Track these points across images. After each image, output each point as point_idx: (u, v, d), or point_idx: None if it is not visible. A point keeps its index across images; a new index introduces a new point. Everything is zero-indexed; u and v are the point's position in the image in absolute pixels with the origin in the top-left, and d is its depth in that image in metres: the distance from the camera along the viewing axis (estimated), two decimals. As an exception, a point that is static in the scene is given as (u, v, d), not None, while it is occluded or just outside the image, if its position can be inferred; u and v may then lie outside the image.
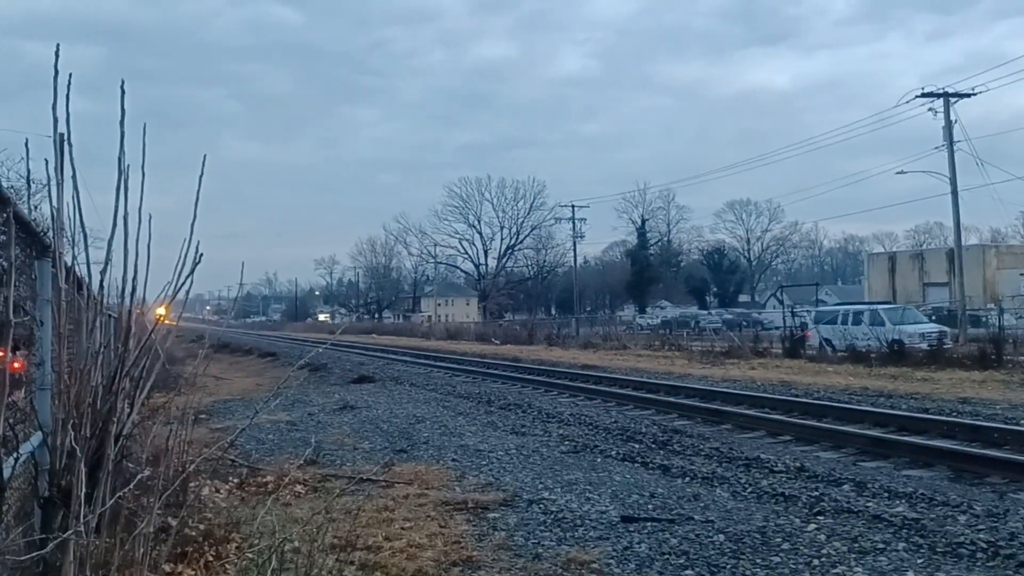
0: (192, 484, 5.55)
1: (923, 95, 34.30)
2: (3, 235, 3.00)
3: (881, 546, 5.55)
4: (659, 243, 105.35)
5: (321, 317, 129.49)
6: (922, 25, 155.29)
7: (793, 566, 5.21)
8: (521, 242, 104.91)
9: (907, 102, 35.17)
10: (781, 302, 47.78)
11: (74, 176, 3.37)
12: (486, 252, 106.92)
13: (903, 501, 6.85)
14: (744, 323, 51.45)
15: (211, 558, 4.94)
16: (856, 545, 5.59)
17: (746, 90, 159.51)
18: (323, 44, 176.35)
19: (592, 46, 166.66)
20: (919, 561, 5.24)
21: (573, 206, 71.73)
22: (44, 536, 3.11)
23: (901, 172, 40.53)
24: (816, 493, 7.18)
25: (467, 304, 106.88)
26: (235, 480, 7.83)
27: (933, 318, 36.63)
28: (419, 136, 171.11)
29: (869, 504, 6.75)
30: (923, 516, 6.29)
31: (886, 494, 7.13)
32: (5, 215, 2.80)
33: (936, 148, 34.92)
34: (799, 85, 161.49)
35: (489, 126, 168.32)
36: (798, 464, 8.55)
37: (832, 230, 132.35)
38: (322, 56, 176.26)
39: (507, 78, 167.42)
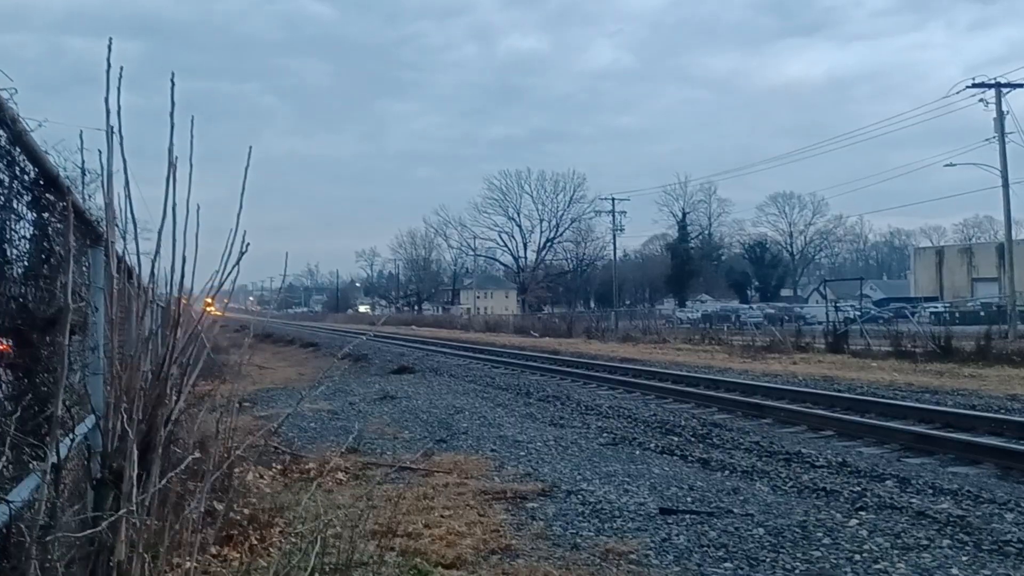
0: (237, 469, 5.67)
1: (974, 85, 33.50)
2: (60, 224, 3.10)
3: (925, 543, 5.47)
4: (700, 236, 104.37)
5: (362, 308, 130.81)
6: (963, 14, 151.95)
7: (834, 561, 5.16)
8: (560, 235, 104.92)
9: (957, 93, 34.39)
10: (824, 297, 47.06)
11: (125, 168, 3.47)
12: (525, 245, 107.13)
13: (948, 498, 6.73)
14: (786, 318, 50.71)
15: (255, 541, 5.05)
16: (899, 541, 5.52)
17: (783, 82, 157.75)
18: (357, 38, 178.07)
19: (624, 38, 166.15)
20: (964, 558, 5.15)
21: (613, 199, 71.41)
22: (96, 515, 3.21)
23: (950, 164, 39.66)
24: (858, 488, 7.09)
25: (506, 297, 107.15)
26: (278, 466, 7.98)
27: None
28: (453, 130, 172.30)
29: (913, 500, 6.65)
30: (969, 513, 6.18)
31: (931, 490, 7.02)
32: (63, 204, 2.90)
33: (987, 140, 34.11)
34: (837, 77, 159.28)
35: (522, 120, 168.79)
36: (840, 459, 8.44)
37: (878, 224, 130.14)
38: (357, 50, 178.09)
39: (539, 71, 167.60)
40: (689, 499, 6.87)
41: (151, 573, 3.20)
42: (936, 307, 48.14)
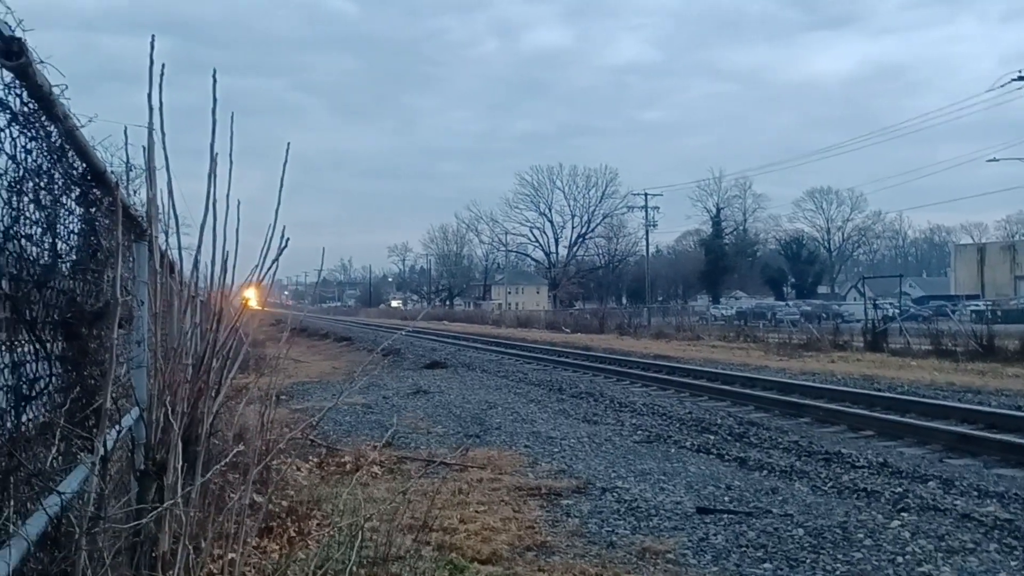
0: (276, 462, 5.73)
1: (1021, 78, 32.69)
2: (107, 219, 3.14)
3: (971, 546, 5.35)
4: (734, 232, 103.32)
5: (394, 303, 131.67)
6: (996, 5, 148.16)
7: (876, 563, 5.07)
8: (592, 230, 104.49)
9: (1002, 86, 33.61)
10: (862, 294, 46.40)
11: (167, 164, 3.50)
12: (557, 240, 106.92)
13: (994, 500, 6.58)
14: (823, 315, 49.95)
15: (294, 534, 5.09)
16: (943, 544, 5.40)
17: (811, 75, 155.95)
18: (380, 34, 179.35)
19: (648, 32, 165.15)
20: (1013, 563, 5.03)
21: (646, 194, 71.00)
22: (140, 507, 3.25)
23: (993, 160, 38.82)
24: (900, 489, 6.97)
25: (537, 292, 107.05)
26: (315, 459, 8.05)
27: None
28: (479, 124, 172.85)
29: (957, 502, 6.52)
30: (1016, 517, 6.03)
31: (975, 492, 6.87)
32: (110, 199, 2.93)
33: (1033, 134, 33.26)
34: (868, 70, 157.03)
35: (547, 114, 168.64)
36: (881, 459, 8.30)
37: (917, 220, 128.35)
38: (380, 46, 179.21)
39: (563, 65, 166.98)
40: (727, 498, 6.80)
41: (194, 564, 3.23)
42: (978, 305, 47.22)
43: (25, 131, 2.18)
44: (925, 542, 5.46)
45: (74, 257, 2.85)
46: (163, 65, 3.35)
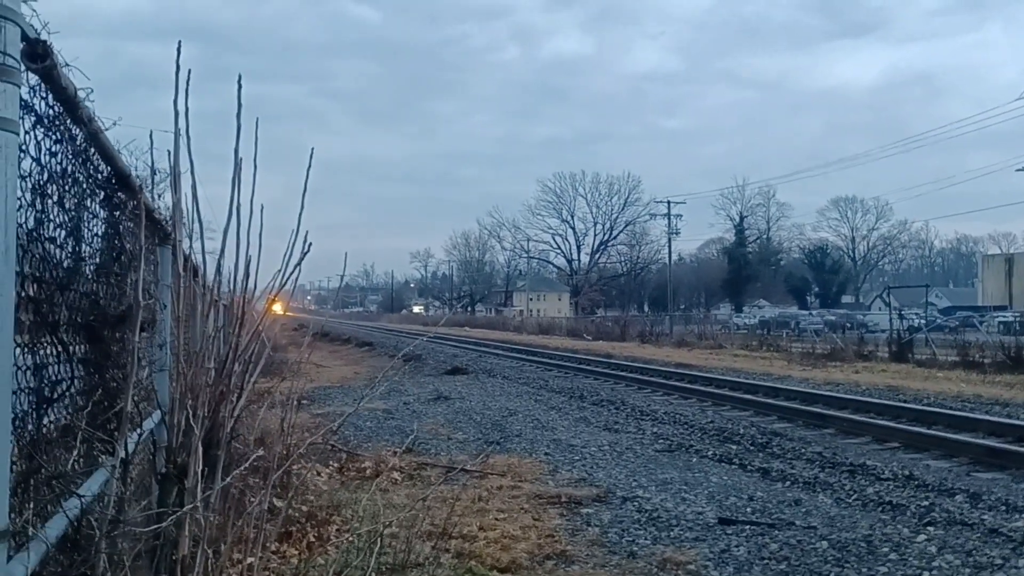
0: (296, 467, 5.73)
1: (1050, 86, 32.25)
2: (130, 222, 3.16)
3: (999, 562, 5.24)
4: (758, 240, 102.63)
5: (416, 309, 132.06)
6: (1023, 12, 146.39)
7: (902, 578, 4.98)
8: (615, 238, 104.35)
9: (1031, 93, 33.11)
10: (888, 304, 45.81)
11: (192, 168, 3.52)
12: (579, 247, 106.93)
13: (1023, 515, 6.45)
14: (848, 325, 49.40)
15: (313, 539, 5.09)
16: (971, 559, 5.30)
17: (836, 83, 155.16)
18: (401, 41, 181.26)
19: (668, 40, 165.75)
20: (1042, 580, 4.92)
21: (669, 202, 70.81)
22: (161, 510, 3.25)
23: (1022, 169, 38.26)
24: (926, 503, 6.85)
25: (559, 299, 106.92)
26: (335, 465, 8.06)
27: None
28: (498, 130, 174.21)
29: (985, 517, 6.39)
30: (1046, 533, 5.90)
31: (1004, 507, 6.73)
32: (134, 203, 2.95)
33: (1063, 142, 32.79)
34: (891, 78, 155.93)
35: (567, 120, 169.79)
36: (906, 472, 8.17)
37: (944, 229, 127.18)
38: (401, 52, 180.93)
39: (582, 72, 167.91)
40: (749, 509, 6.72)
41: (213, 568, 3.23)
42: (1005, 316, 46.48)
43: (50, 134, 2.20)
44: (952, 557, 5.35)
45: (97, 260, 2.86)
46: (189, 70, 3.37)
